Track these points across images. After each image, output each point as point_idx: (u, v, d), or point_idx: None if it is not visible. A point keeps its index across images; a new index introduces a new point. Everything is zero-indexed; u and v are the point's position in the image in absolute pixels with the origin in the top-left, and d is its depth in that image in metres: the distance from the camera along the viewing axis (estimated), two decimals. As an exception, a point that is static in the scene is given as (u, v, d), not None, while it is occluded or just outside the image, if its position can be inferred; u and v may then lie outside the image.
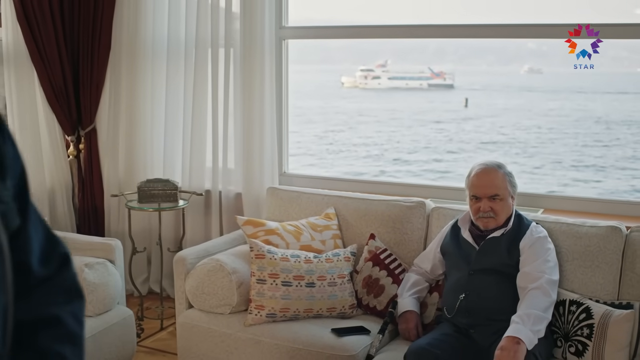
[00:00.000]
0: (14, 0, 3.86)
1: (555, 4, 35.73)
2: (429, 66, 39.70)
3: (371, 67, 38.57)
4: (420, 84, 38.38)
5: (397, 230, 3.19)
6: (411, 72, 39.39)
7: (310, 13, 11.22)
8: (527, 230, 2.77)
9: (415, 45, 42.91)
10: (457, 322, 2.72)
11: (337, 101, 29.65)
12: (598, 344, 2.61)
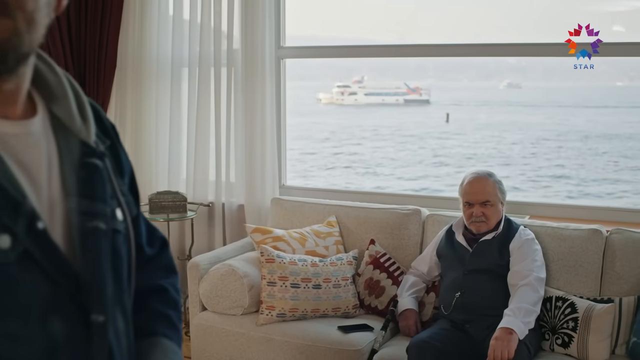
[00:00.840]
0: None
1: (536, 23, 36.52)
2: (405, 82, 40.21)
3: (347, 83, 39.03)
4: (396, 99, 38.85)
5: (395, 236, 3.49)
6: (387, 87, 39.89)
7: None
8: (516, 233, 3.07)
9: (396, 61, 43.41)
10: (453, 318, 3.00)
11: (315, 117, 29.97)
12: (582, 335, 2.91)
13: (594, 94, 42.03)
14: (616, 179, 19.26)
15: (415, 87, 39.99)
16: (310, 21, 22.64)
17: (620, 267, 3.09)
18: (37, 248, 0.89)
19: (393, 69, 42.91)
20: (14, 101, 0.94)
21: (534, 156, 22.51)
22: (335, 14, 40.39)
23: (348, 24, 42.55)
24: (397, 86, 39.95)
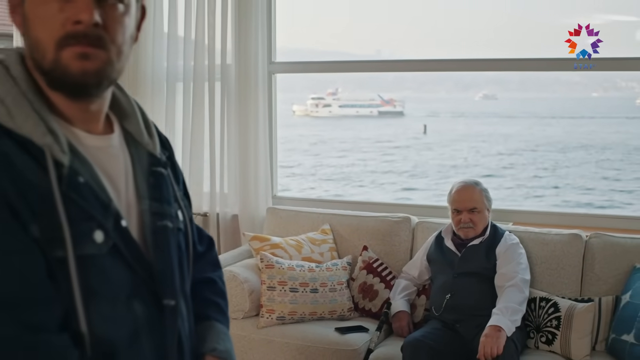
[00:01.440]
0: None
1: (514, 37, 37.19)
2: (379, 94, 40.63)
3: (322, 95, 39.36)
4: (370, 111, 39.25)
5: (386, 242, 3.70)
6: (361, 99, 40.28)
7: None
8: (502, 238, 3.30)
9: (374, 73, 43.86)
10: (444, 319, 3.21)
11: (292, 129, 30.18)
12: (565, 333, 3.14)
13: (569, 104, 42.74)
14: (593, 187, 19.73)
15: (389, 99, 40.42)
16: (287, 34, 23.09)
17: (599, 269, 3.33)
18: (122, 242, 1.09)
19: (370, 81, 43.35)
20: (97, 119, 1.14)
21: (513, 167, 22.93)
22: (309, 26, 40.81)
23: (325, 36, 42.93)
24: (371, 98, 40.36)
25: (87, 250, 1.03)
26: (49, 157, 1.02)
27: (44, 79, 1.07)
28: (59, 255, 1.00)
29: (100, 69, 1.06)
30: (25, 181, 0.99)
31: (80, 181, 1.05)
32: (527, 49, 38.96)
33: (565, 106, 42.08)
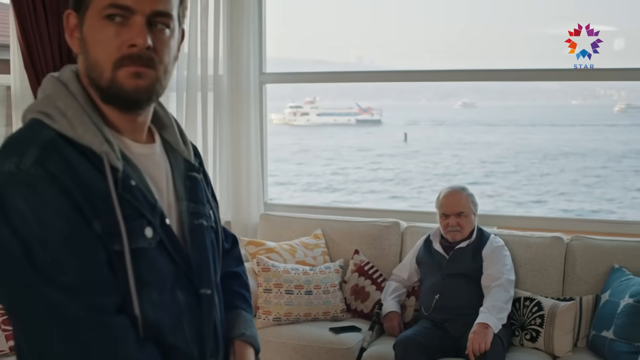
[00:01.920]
0: (22, 50, 4.39)
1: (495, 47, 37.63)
2: (356, 102, 40.95)
3: (300, 103, 39.60)
4: (348, 119, 39.56)
5: (376, 246, 3.88)
6: (339, 108, 40.59)
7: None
8: (488, 241, 3.49)
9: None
10: (433, 318, 3.39)
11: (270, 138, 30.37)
12: (548, 330, 3.33)
13: (549, 112, 43.30)
14: (573, 193, 20.09)
15: (367, 107, 40.77)
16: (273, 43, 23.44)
17: (580, 269, 3.53)
18: (166, 238, 1.25)
19: (350, 89, 43.67)
20: (142, 129, 1.31)
21: (494, 174, 23.26)
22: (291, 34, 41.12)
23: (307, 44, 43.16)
24: (349, 106, 40.67)
25: (139, 244, 1.20)
26: (107, 163, 1.18)
27: (98, 95, 1.24)
28: (116, 248, 1.17)
29: (150, 86, 1.23)
30: (87, 184, 1.16)
31: (132, 184, 1.21)
32: (508, 59, 39.54)
33: (545, 114, 42.66)
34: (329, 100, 42.54)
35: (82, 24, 1.23)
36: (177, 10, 1.26)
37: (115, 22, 1.19)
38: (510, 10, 40.87)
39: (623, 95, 46.57)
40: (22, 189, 1.11)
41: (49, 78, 1.29)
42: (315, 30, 49.01)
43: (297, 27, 42.09)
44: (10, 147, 1.18)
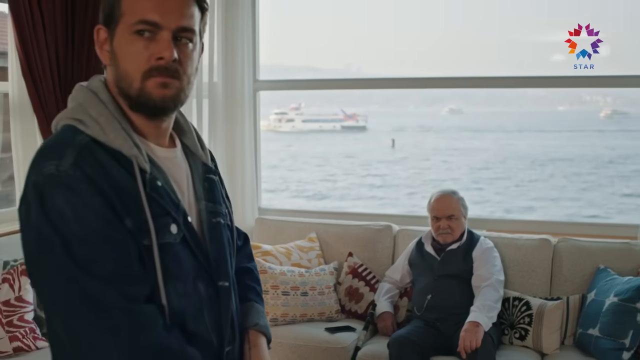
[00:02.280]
0: (20, 57, 4.49)
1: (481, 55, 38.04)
2: (342, 108, 41.14)
3: (285, 110, 39.74)
4: (333, 126, 39.75)
5: (369, 249, 4.01)
6: (324, 114, 40.78)
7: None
8: (478, 243, 3.63)
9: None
10: (425, 318, 3.52)
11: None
12: (536, 329, 3.47)
13: (536, 118, 43.66)
14: (563, 197, 20.34)
15: (352, 113, 40.98)
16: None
17: (567, 270, 3.67)
18: (188, 235, 1.38)
19: (337, 96, 43.86)
20: (165, 135, 1.44)
21: (482, 180, 23.47)
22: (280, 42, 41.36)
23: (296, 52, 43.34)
24: (334, 113, 40.86)
25: (165, 240, 1.32)
26: (136, 166, 1.31)
27: (127, 103, 1.36)
28: (145, 243, 1.29)
29: (175, 95, 1.35)
30: (118, 185, 1.28)
31: (158, 184, 1.34)
32: (496, 66, 39.98)
33: (532, 120, 43.01)
34: (317, 106, 42.71)
35: (113, 38, 1.35)
36: (199, 25, 1.39)
37: (144, 36, 1.31)
38: (499, 18, 41.43)
39: (609, 101, 47.10)
40: (62, 190, 1.23)
41: (79, 88, 1.41)
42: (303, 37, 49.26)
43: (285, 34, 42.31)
44: (48, 151, 1.29)
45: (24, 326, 3.38)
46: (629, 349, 3.20)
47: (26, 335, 3.36)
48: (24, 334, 3.36)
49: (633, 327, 3.22)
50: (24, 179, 1.30)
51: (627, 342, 3.21)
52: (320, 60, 39.27)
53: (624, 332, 3.23)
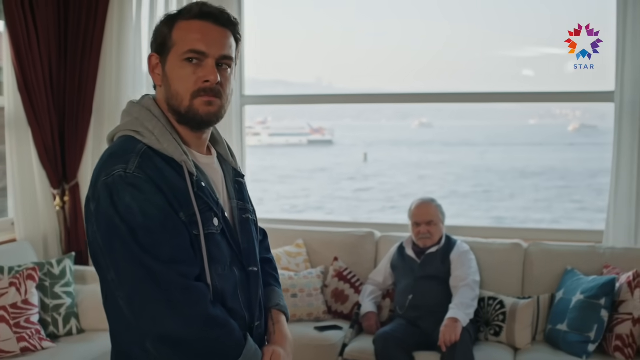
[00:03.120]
0: (16, 73, 4.75)
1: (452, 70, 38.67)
2: (308, 122, 41.56)
3: (251, 124, 40.04)
4: (300, 140, 40.17)
5: (354, 254, 4.33)
6: (291, 128, 41.18)
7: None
8: (455, 246, 3.97)
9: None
10: (407, 317, 3.84)
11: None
12: (510, 325, 3.81)
13: (507, 132, 44.45)
14: (534, 208, 20.90)
15: (319, 127, 41.44)
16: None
17: (537, 271, 4.03)
18: (225, 227, 1.68)
19: (307, 109, 44.22)
20: (204, 144, 1.75)
21: (454, 194, 23.95)
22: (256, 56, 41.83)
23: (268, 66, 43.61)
24: (301, 126, 41.28)
25: (210, 230, 1.62)
26: (186, 170, 1.61)
27: (175, 117, 1.67)
28: (195, 232, 1.59)
29: (217, 111, 1.66)
30: (173, 185, 1.58)
31: (203, 185, 1.64)
32: (464, 80, 40.72)
33: (503, 133, 43.82)
34: (288, 119, 43.08)
35: (165, 63, 1.66)
36: (235, 53, 1.70)
37: (193, 63, 1.62)
38: (470, 34, 42.39)
39: (578, 115, 48.27)
40: (129, 188, 1.53)
41: (132, 104, 1.71)
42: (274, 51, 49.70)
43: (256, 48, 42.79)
44: (115, 157, 1.59)
45: (30, 327, 3.63)
46: (594, 342, 3.56)
47: (32, 336, 3.61)
48: (31, 335, 3.61)
49: (597, 321, 3.57)
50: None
51: (593, 336, 3.56)
52: (291, 74, 39.63)
53: (589, 326, 3.58)
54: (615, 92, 4.39)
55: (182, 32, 1.64)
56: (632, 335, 3.53)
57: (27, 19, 4.71)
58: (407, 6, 24.97)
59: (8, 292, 3.65)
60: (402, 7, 30.58)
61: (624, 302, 3.60)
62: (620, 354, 3.53)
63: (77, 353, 3.63)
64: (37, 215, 4.96)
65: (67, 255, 4.18)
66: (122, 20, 5.12)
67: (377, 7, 18.42)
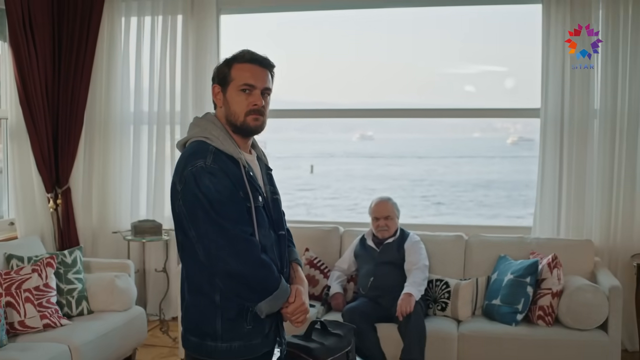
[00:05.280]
0: (18, 88, 5.48)
1: (396, 84, 39.94)
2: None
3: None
4: None
5: (322, 245, 5.21)
6: None
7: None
8: (408, 237, 4.88)
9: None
10: (369, 295, 4.72)
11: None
12: (453, 302, 4.74)
13: (452, 144, 45.95)
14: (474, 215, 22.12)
15: (262, 139, 42.09)
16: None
17: (476, 258, 4.99)
18: (264, 203, 2.55)
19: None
20: (248, 147, 2.61)
21: (402, 207, 24.99)
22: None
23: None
24: None
25: (257, 204, 2.47)
26: (241, 164, 2.46)
27: (231, 128, 2.50)
28: (248, 205, 2.44)
29: (262, 124, 2.51)
30: (234, 173, 2.42)
31: (251, 174, 2.50)
32: (408, 95, 42.25)
33: (448, 146, 45.34)
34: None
35: (225, 92, 2.50)
36: (272, 85, 2.57)
37: (246, 92, 2.48)
38: (412, 51, 44.06)
39: (519, 129, 50.28)
40: (208, 175, 2.37)
41: (199, 119, 2.54)
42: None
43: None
44: (195, 155, 2.41)
45: (50, 307, 4.39)
46: (521, 312, 4.51)
47: (52, 314, 4.37)
48: (51, 313, 4.37)
49: (524, 296, 4.53)
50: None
51: (520, 307, 4.51)
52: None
53: (517, 300, 4.53)
54: (541, 109, 5.39)
55: (238, 72, 2.49)
56: (551, 306, 4.49)
57: (29, 41, 5.48)
58: (356, 24, 26.08)
59: (31, 277, 4.40)
60: (350, 24, 31.89)
61: (545, 279, 4.56)
62: (542, 321, 4.48)
63: (90, 329, 4.40)
64: (35, 216, 5.71)
65: (78, 247, 4.93)
66: (112, 43, 5.96)
67: (324, 23, 19.33)
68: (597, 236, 5.25)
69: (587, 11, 5.16)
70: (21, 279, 4.35)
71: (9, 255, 4.59)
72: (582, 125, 5.27)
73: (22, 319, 4.24)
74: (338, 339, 3.67)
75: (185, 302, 2.54)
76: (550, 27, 5.30)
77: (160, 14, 5.89)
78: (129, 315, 4.75)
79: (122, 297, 4.74)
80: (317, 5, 6.08)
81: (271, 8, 6.02)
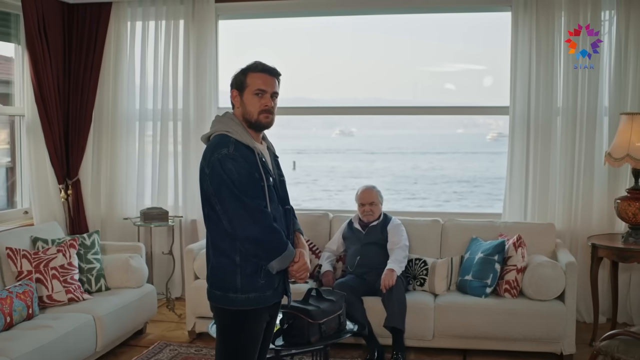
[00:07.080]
0: (34, 87, 6.12)
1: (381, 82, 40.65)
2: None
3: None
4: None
5: (313, 229, 5.91)
6: None
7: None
8: (391, 221, 5.59)
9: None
10: (356, 272, 5.43)
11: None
12: (431, 278, 5.45)
13: (435, 140, 46.69)
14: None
15: None
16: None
17: (451, 239, 5.72)
18: (274, 183, 3.25)
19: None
20: (260, 137, 3.31)
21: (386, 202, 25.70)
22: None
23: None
24: None
25: (269, 184, 3.15)
26: (257, 152, 3.15)
27: (247, 124, 3.18)
28: (262, 184, 3.13)
29: (271, 121, 3.19)
30: (250, 159, 3.09)
31: (264, 160, 3.18)
32: (388, 92, 43.06)
33: (431, 142, 46.11)
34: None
35: (242, 95, 3.18)
36: (279, 90, 3.26)
37: (258, 96, 3.16)
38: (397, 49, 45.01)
39: (501, 124, 51.16)
40: (230, 160, 3.04)
41: (220, 117, 3.21)
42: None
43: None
44: (220, 145, 3.08)
45: (74, 283, 5.06)
46: (490, 286, 5.23)
47: (75, 290, 5.04)
48: (74, 289, 5.04)
49: (492, 271, 5.25)
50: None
51: (489, 282, 5.23)
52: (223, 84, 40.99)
53: (486, 275, 5.25)
54: (510, 107, 6.11)
55: (252, 79, 3.17)
56: (516, 280, 5.22)
57: (43, 44, 6.13)
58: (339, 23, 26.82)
59: (57, 256, 5.06)
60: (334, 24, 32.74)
61: (510, 257, 5.29)
62: (508, 293, 5.21)
63: (109, 302, 5.07)
64: (49, 205, 6.36)
65: (95, 231, 5.60)
66: (118, 46, 6.61)
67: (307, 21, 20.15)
68: (560, 221, 5.99)
69: (551, 18, 5.87)
70: (48, 258, 5.01)
71: (35, 238, 5.25)
72: (546, 122, 5.99)
73: (50, 293, 4.91)
74: (331, 303, 4.41)
75: (210, 263, 3.21)
76: (518, 32, 6.00)
77: (164, 19, 6.53)
78: (142, 292, 5.44)
79: (136, 275, 5.42)
80: (303, 12, 6.75)
81: (266, 14, 6.67)
